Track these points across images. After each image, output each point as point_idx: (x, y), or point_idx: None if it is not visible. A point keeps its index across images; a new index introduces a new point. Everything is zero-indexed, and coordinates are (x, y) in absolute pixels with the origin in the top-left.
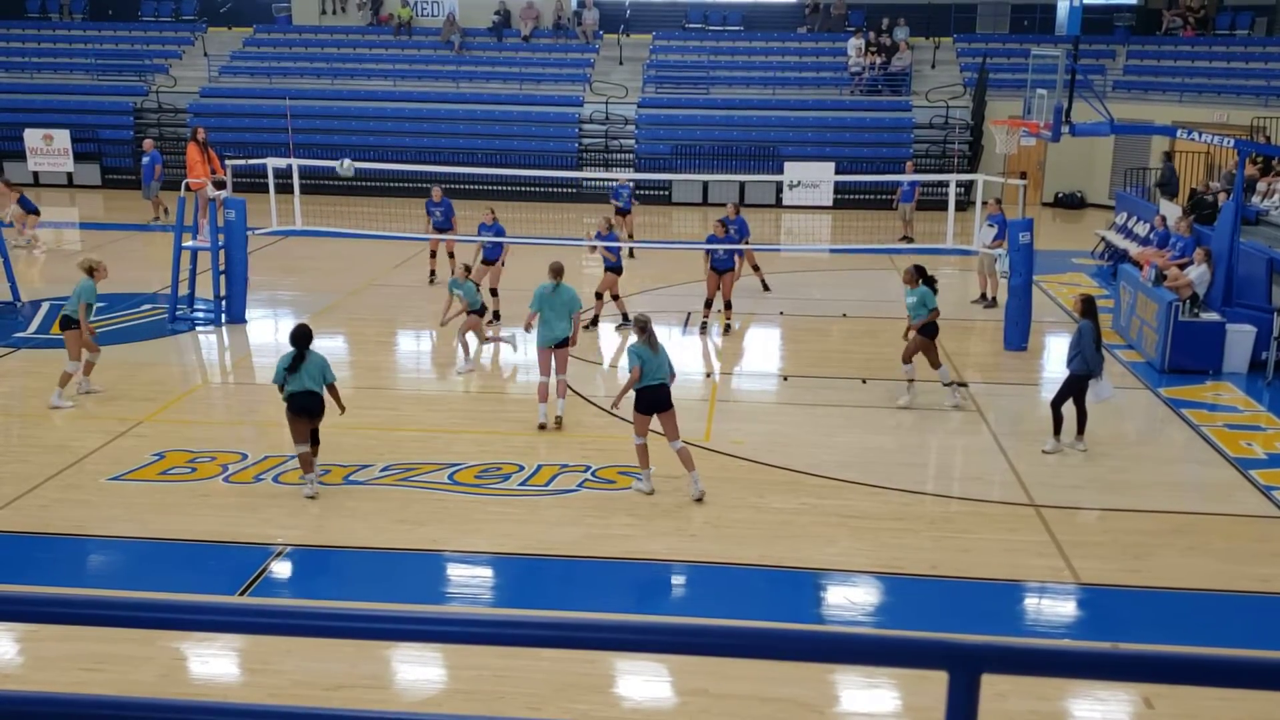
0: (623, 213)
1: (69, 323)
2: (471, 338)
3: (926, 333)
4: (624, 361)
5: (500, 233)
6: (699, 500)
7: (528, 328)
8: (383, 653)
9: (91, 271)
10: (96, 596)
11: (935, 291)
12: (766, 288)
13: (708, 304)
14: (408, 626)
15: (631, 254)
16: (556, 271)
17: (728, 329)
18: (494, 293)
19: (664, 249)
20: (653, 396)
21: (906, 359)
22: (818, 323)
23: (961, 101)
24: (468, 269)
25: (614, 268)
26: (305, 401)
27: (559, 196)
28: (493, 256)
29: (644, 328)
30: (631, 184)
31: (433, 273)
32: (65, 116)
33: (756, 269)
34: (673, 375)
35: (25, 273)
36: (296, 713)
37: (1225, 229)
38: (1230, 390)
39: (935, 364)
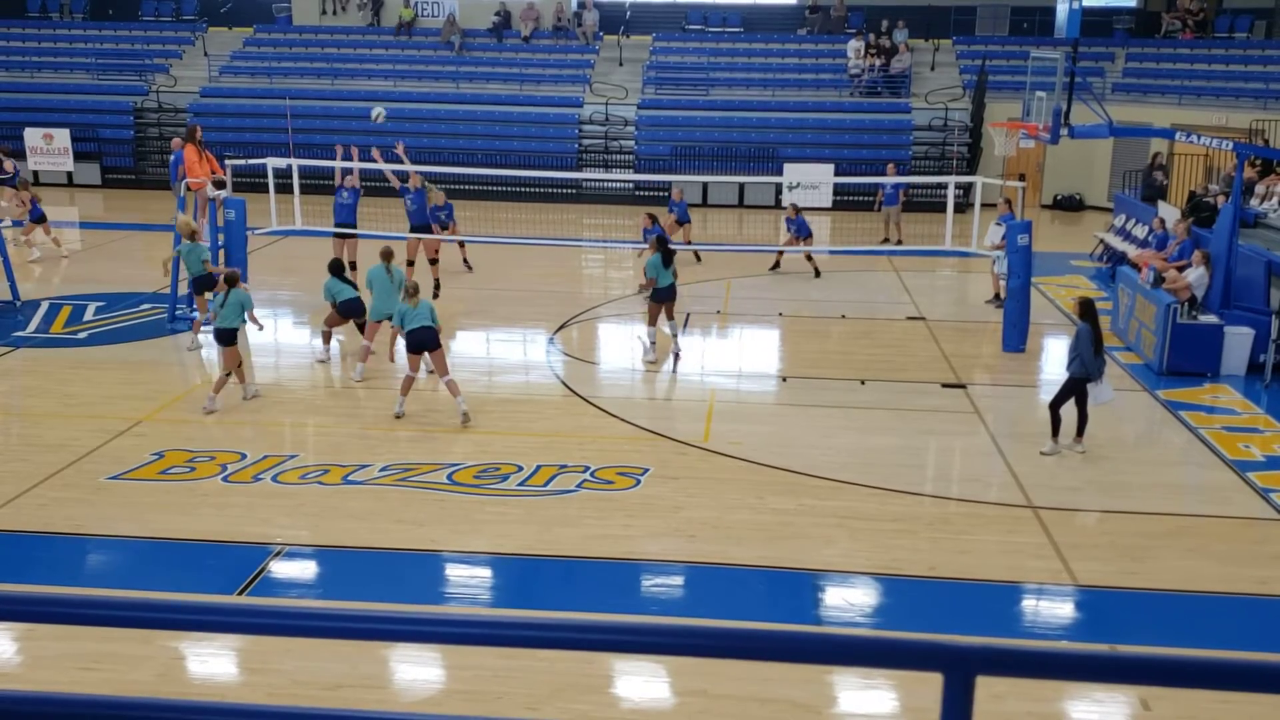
0: (682, 222)
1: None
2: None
3: (657, 297)
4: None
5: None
6: (465, 418)
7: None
8: (381, 653)
9: (193, 235)
10: (95, 596)
11: (667, 264)
12: (818, 274)
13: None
14: (406, 627)
15: (698, 257)
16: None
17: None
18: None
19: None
20: (418, 337)
21: (650, 321)
22: (817, 324)
23: (961, 103)
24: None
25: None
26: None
27: (559, 197)
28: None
29: (408, 291)
30: (684, 200)
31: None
32: (65, 116)
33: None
34: (436, 323)
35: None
36: (295, 713)
37: (1224, 231)
38: (1228, 393)
39: (650, 321)
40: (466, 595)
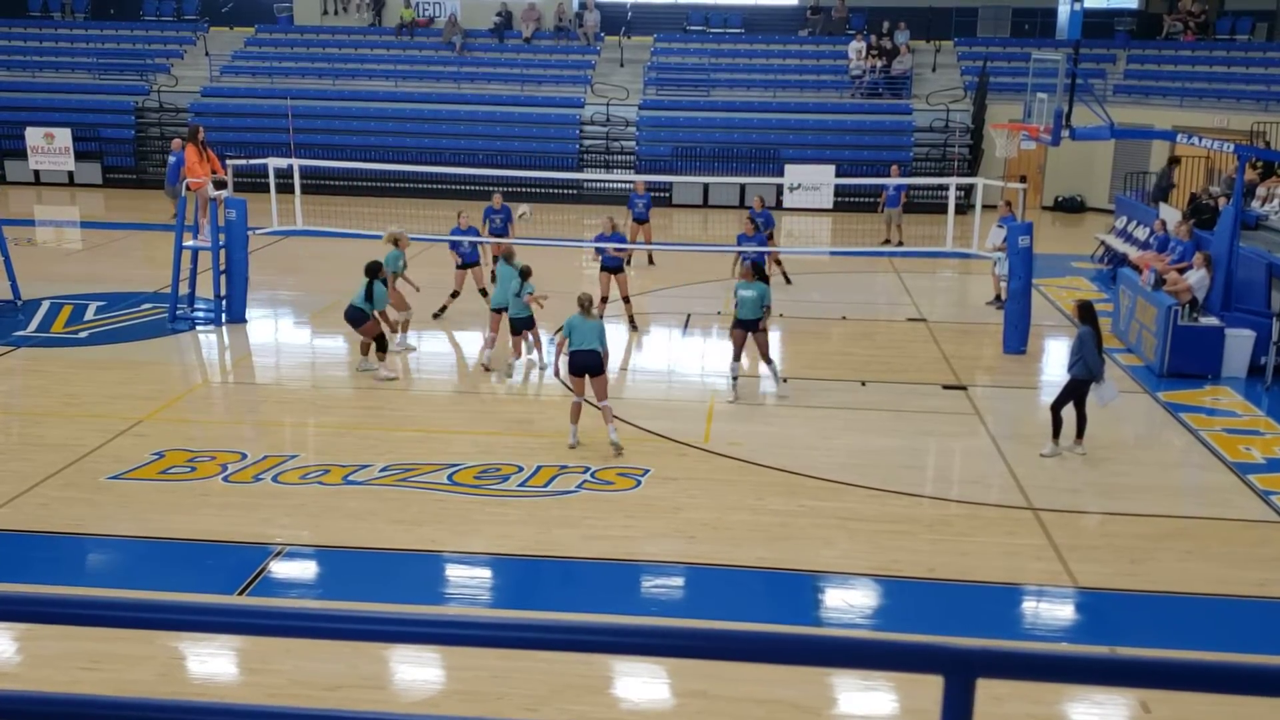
0: (639, 220)
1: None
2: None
3: (756, 327)
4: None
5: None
6: (616, 449)
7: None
8: (381, 653)
9: (396, 242)
10: (95, 596)
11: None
12: (789, 281)
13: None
14: (406, 628)
15: (651, 260)
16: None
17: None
18: (484, 293)
19: (664, 250)
20: (581, 361)
21: (765, 356)
22: (817, 325)
23: (962, 105)
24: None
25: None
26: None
27: (560, 198)
28: (472, 259)
29: (581, 304)
30: (650, 194)
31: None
32: (67, 115)
33: (778, 263)
34: (605, 350)
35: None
36: (294, 713)
37: (1225, 234)
38: (1229, 395)
39: (767, 358)
40: (466, 595)
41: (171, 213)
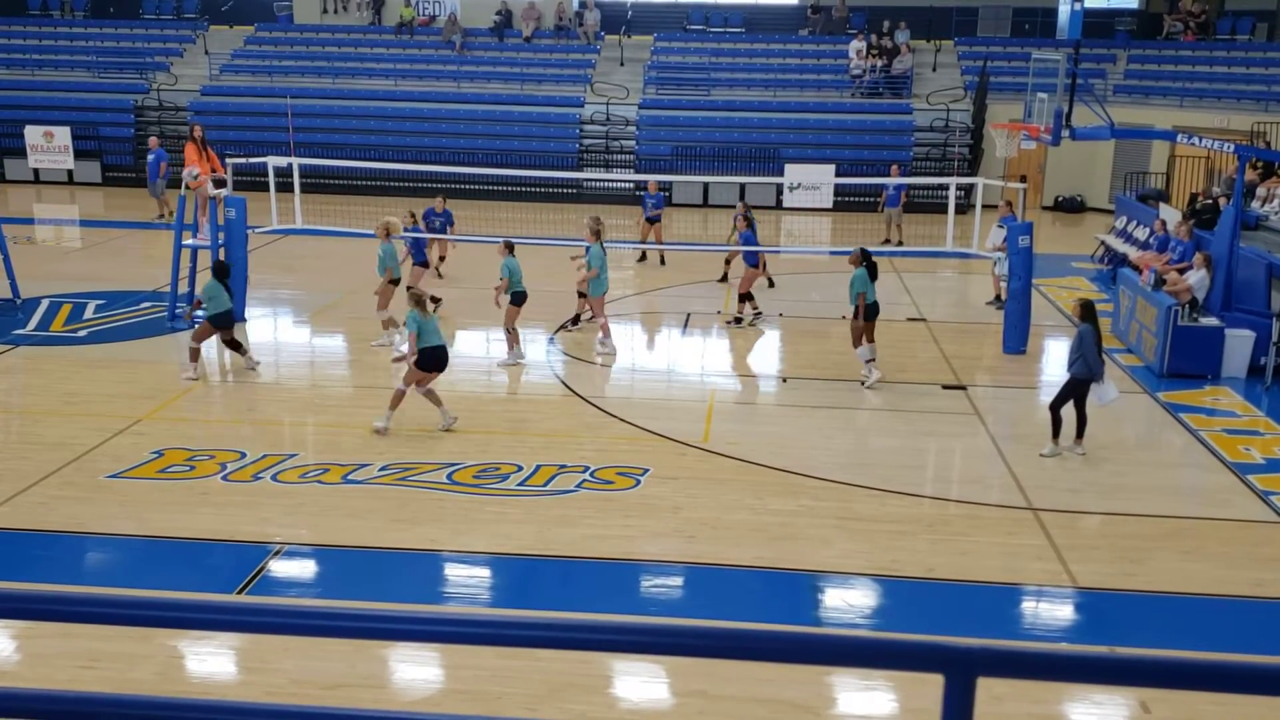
0: (650, 220)
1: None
2: None
3: (866, 316)
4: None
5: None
6: (448, 430)
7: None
8: (380, 652)
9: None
10: (94, 594)
11: (874, 277)
12: (772, 284)
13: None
14: (405, 626)
15: (663, 260)
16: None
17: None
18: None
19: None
20: (434, 356)
21: (855, 342)
22: (817, 324)
23: (962, 104)
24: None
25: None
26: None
27: (560, 197)
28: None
29: (419, 302)
30: (663, 193)
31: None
32: (66, 114)
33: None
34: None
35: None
36: (293, 711)
37: (1225, 234)
38: (1229, 395)
39: (856, 343)
40: (465, 595)
41: (158, 213)
